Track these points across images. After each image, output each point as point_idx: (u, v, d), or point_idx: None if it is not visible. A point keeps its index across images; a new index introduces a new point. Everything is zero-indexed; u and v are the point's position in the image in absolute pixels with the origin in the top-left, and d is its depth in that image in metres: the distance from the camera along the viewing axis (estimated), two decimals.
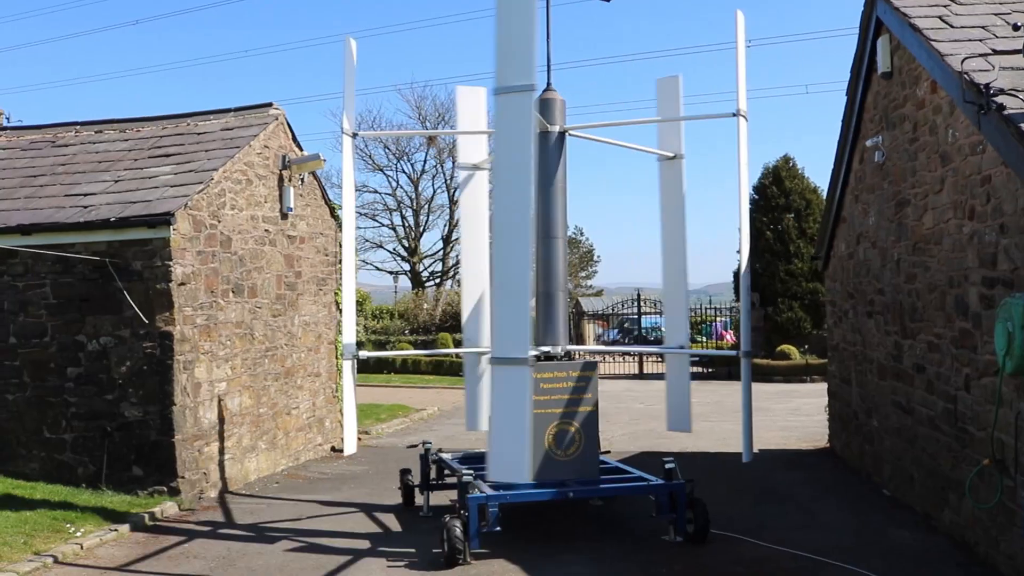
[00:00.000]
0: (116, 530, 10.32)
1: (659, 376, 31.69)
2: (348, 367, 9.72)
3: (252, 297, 13.49)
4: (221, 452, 12.62)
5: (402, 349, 30.69)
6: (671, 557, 9.43)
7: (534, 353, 10.56)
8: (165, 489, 11.62)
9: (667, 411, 11.58)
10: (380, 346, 31.44)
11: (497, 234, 8.56)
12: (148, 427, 11.66)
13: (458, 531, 9.09)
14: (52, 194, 12.74)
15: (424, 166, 45.50)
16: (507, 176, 8.54)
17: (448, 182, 44.44)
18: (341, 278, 16.09)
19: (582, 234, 58.59)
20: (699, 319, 46.19)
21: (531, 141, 8.69)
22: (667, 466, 10.01)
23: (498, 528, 9.24)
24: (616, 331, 45.74)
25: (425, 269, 46.45)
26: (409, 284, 45.11)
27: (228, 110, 14.50)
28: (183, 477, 11.68)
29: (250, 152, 13.36)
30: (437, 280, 46.07)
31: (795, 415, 20.98)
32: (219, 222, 12.60)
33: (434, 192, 45.66)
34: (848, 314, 14.10)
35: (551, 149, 10.34)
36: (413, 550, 9.85)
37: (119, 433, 11.76)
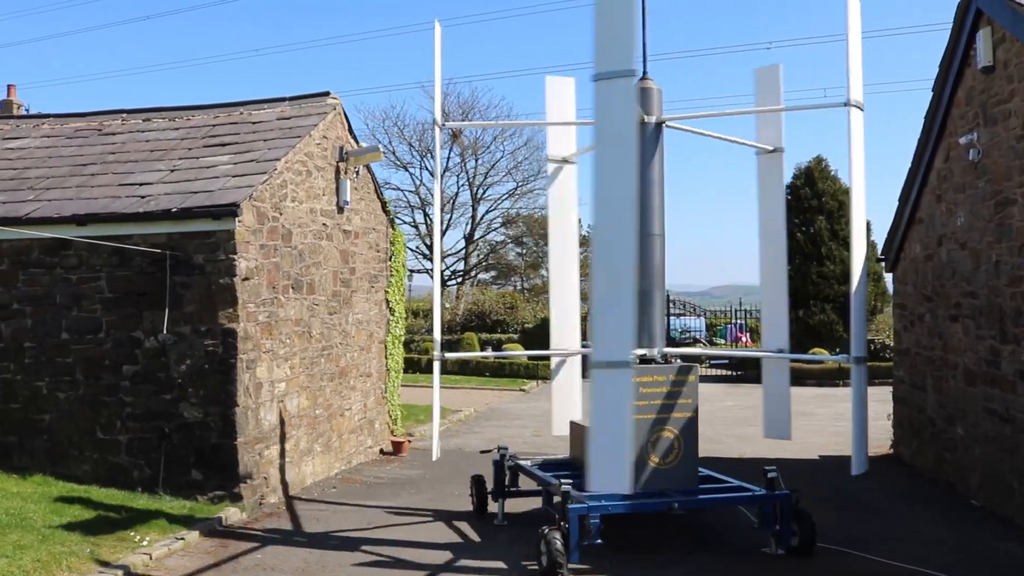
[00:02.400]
0: (183, 538, 9.75)
1: None
2: None
3: (310, 294, 12.95)
4: (281, 455, 12.07)
5: (428, 349, 30.11)
6: (779, 572, 8.93)
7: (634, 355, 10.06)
8: (226, 494, 11.05)
9: (764, 417, 11.03)
10: (404, 346, 30.82)
11: (597, 229, 8.05)
12: (209, 429, 11.10)
13: (559, 544, 8.56)
14: (105, 183, 12.18)
15: (448, 163, 44.96)
16: (608, 167, 8.01)
17: (471, 180, 43.93)
18: (392, 275, 15.60)
19: None
20: (719, 321, 45.78)
21: (633, 130, 8.20)
22: (769, 475, 9.50)
23: (599, 541, 8.72)
24: None
25: (447, 268, 45.85)
26: (427, 283, 44.66)
27: (283, 99, 13.95)
28: (245, 482, 11.12)
29: (310, 143, 12.81)
30: (459, 280, 45.47)
31: (841, 420, 20.44)
32: (281, 215, 12.05)
33: (457, 190, 45.12)
34: (924, 318, 13.60)
35: (648, 140, 9.81)
36: (501, 563, 9.34)
37: (177, 435, 11.21)
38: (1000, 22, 10.32)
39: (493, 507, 11.30)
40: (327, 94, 13.82)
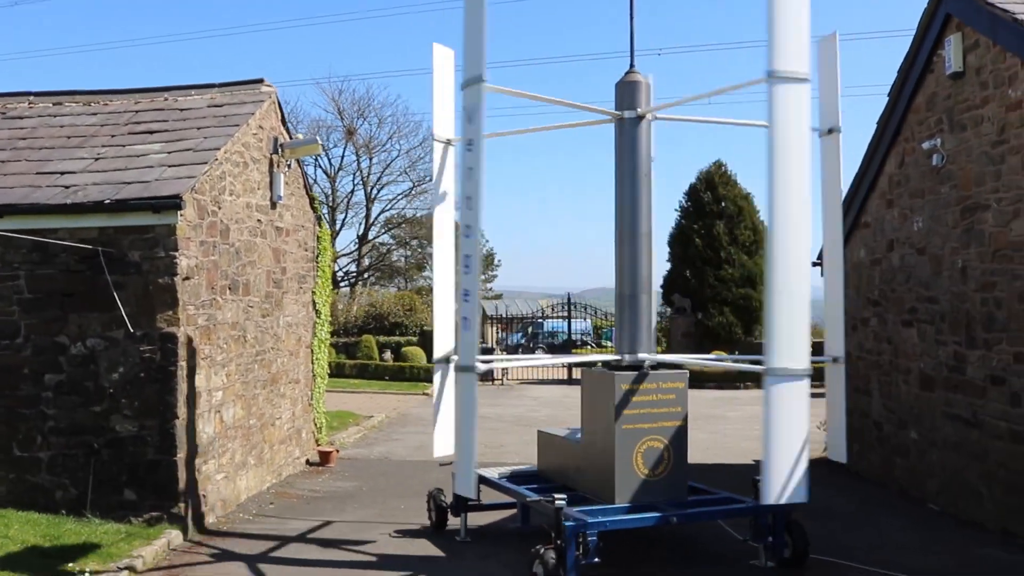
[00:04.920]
0: (128, 568, 8.74)
1: None
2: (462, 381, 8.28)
3: (246, 295, 12.01)
4: (218, 471, 11.11)
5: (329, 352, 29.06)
6: None
7: (613, 360, 9.57)
8: (164, 516, 10.06)
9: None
10: None
11: (775, 238, 7.54)
12: (144, 443, 10.08)
13: (554, 563, 8.04)
14: (19, 171, 10.96)
15: (342, 162, 43.46)
16: (785, 175, 7.52)
17: (365, 179, 42.67)
18: (319, 275, 14.75)
19: (482, 235, 57.42)
20: (602, 324, 46.08)
21: (808, 136, 7.78)
22: (758, 484, 9.20)
23: (596, 559, 8.22)
24: (520, 335, 45.02)
25: (340, 269, 44.44)
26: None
27: (211, 85, 12.93)
28: (185, 501, 10.15)
29: (247, 132, 11.88)
30: (352, 280, 44.15)
31: (756, 423, 20.50)
32: (219, 209, 11.11)
33: (352, 189, 43.60)
34: (869, 322, 13.66)
35: (636, 135, 9.38)
36: None
37: (108, 451, 10.14)
38: (976, 27, 10.33)
39: (451, 522, 10.68)
40: (261, 81, 12.88)
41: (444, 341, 10.22)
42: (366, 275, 42.93)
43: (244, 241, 11.91)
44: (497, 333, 44.67)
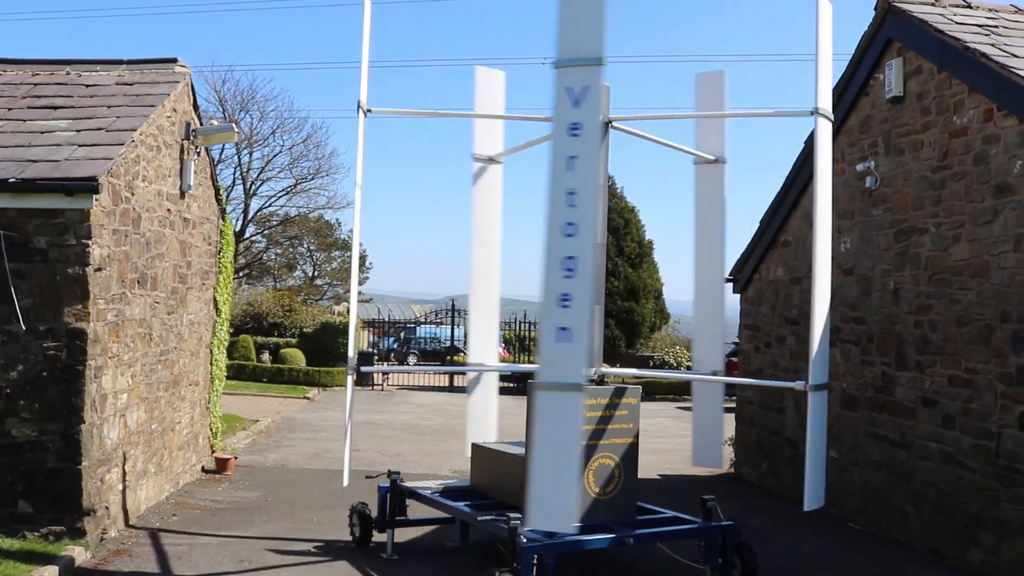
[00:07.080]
0: None
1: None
2: None
3: (153, 290, 11.10)
4: (121, 479, 10.20)
5: None
6: None
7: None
8: (64, 529, 9.11)
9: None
10: None
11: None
12: (45, 450, 9.12)
13: None
14: None
15: (222, 154, 41.51)
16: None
17: (245, 173, 40.92)
18: (220, 272, 13.90)
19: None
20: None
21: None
22: (708, 504, 9.01)
23: None
24: (393, 340, 44.24)
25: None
26: None
27: (119, 61, 11.94)
28: (89, 513, 9.23)
29: (161, 114, 11.00)
30: None
31: (660, 437, 20.48)
32: (133, 195, 10.22)
33: (233, 183, 41.51)
34: (785, 340, 13.75)
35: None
36: None
37: (2, 458, 9.12)
38: (921, 53, 10.46)
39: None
40: (175, 61, 11.97)
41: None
42: (241, 273, 41.20)
43: (154, 232, 11.02)
44: (371, 337, 43.69)
